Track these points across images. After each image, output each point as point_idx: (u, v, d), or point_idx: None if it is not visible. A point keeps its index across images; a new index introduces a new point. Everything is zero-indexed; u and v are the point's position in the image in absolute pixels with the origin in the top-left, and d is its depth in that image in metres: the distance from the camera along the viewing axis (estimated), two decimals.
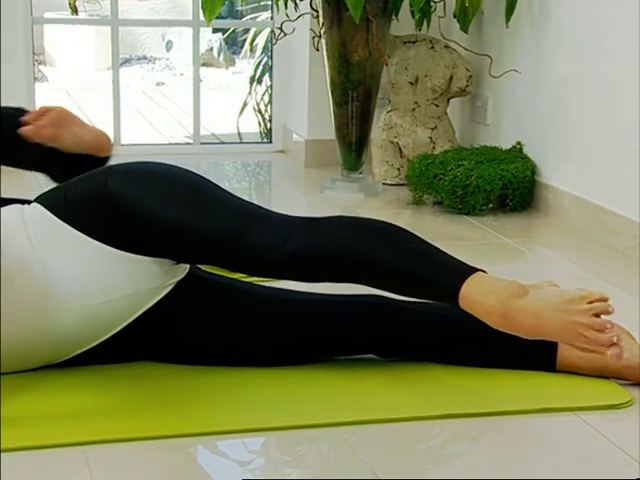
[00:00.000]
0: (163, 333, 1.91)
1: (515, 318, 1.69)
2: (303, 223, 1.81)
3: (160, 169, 1.90)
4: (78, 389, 1.82)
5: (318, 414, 1.77)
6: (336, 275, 1.80)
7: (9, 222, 1.83)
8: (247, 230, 1.79)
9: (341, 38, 3.33)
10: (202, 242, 1.81)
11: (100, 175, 1.88)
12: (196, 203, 1.83)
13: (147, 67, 8.04)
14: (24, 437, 1.64)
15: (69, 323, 1.82)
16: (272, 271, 1.82)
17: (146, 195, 1.83)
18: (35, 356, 1.85)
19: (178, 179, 1.89)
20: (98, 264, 1.83)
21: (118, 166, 1.91)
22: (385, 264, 1.75)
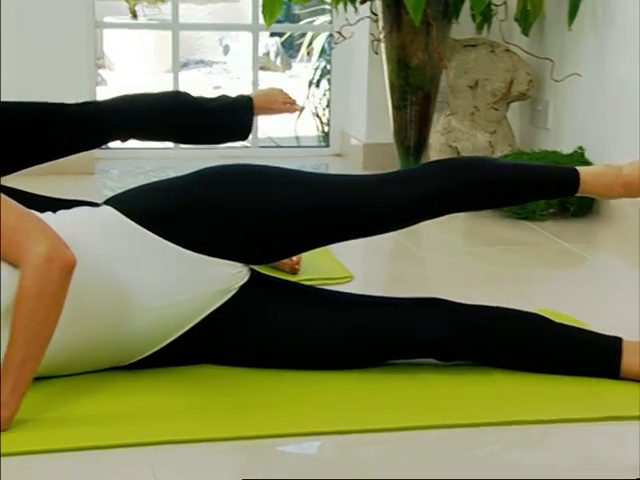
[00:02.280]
0: (227, 335, 1.92)
1: (634, 183, 1.96)
2: (417, 171, 2.06)
3: (244, 167, 1.97)
4: (144, 391, 1.84)
5: (378, 418, 1.76)
6: (463, 206, 2.07)
7: (81, 224, 1.86)
8: (374, 190, 1.96)
9: (401, 42, 3.32)
10: (325, 217, 1.93)
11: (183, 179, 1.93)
12: (302, 187, 1.94)
13: (204, 71, 8.11)
14: (91, 437, 1.66)
15: (141, 325, 1.85)
16: (404, 220, 2.00)
17: (247, 193, 1.89)
18: (105, 358, 1.88)
19: (269, 172, 1.96)
20: (171, 265, 1.86)
21: (202, 170, 1.96)
22: (508, 179, 1.99)
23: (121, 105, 2.72)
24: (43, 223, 1.74)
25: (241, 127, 2.73)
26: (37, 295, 1.65)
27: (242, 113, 2.73)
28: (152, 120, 2.71)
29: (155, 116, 2.71)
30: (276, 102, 2.78)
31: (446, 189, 1.97)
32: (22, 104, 2.74)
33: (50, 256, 1.66)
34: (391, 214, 1.97)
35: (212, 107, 2.72)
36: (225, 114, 2.72)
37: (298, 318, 1.94)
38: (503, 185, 2.01)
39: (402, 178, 2.03)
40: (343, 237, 2.01)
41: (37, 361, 1.67)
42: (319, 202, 1.94)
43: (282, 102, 2.77)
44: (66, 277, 1.68)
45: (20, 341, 1.64)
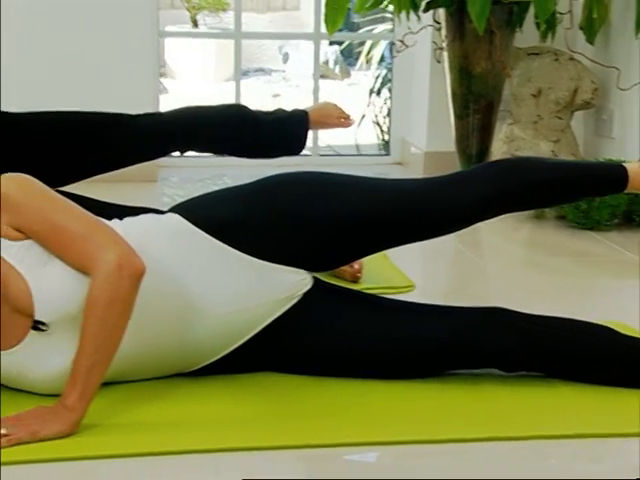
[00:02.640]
0: (290, 343, 1.93)
1: None
2: (475, 172, 2.07)
3: (310, 174, 2.01)
4: (208, 398, 1.85)
5: (441, 429, 1.75)
6: (521, 205, 2.12)
7: (148, 231, 1.88)
8: (437, 192, 1.99)
9: (463, 50, 3.31)
10: (391, 221, 1.95)
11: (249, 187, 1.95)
12: (367, 192, 1.97)
13: (264, 79, 8.15)
14: (154, 443, 1.67)
15: (205, 332, 1.86)
16: (466, 221, 2.02)
17: (314, 199, 1.91)
18: (170, 364, 1.90)
19: (335, 178, 2.00)
20: (236, 272, 1.87)
21: (268, 178, 1.98)
22: (561, 177, 2.03)
23: (182, 118, 2.77)
24: (113, 231, 1.76)
25: (296, 141, 2.78)
26: (107, 302, 1.67)
27: (297, 127, 2.78)
28: (211, 134, 2.77)
29: (215, 130, 2.76)
30: (331, 117, 2.82)
31: (505, 189, 1.98)
32: (85, 114, 2.79)
33: (120, 264, 1.68)
34: (455, 215, 1.99)
35: (269, 121, 2.77)
36: (281, 128, 2.77)
37: (361, 326, 1.94)
38: (557, 184, 2.03)
39: (463, 179, 2.04)
40: (406, 240, 2.02)
41: (105, 367, 1.69)
42: (385, 206, 1.95)
43: (337, 117, 2.82)
44: (136, 285, 1.70)
45: (89, 347, 1.66)
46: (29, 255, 1.75)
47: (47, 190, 1.80)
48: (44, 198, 1.77)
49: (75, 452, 1.62)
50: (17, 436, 1.62)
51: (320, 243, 1.93)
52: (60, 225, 1.73)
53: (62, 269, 1.74)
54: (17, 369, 1.77)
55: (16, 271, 1.74)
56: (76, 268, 1.73)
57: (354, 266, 2.59)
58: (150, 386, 1.88)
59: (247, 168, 3.46)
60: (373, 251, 2.05)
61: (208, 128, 2.78)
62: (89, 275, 1.70)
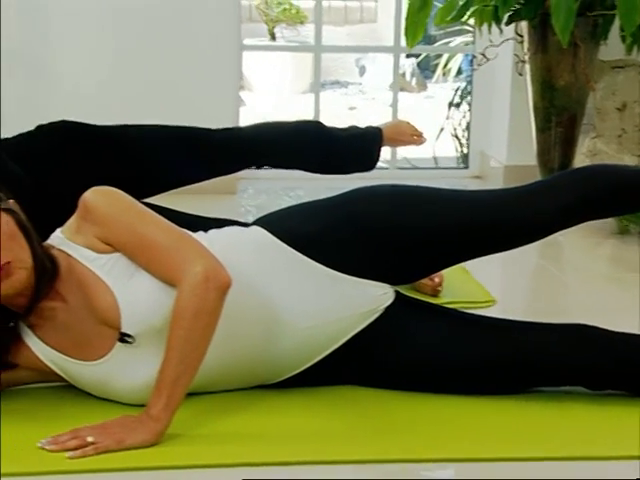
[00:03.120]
0: (372, 356, 1.92)
1: None
2: (555, 181, 2.04)
3: (393, 187, 2.01)
4: (289, 410, 1.86)
5: (521, 447, 1.73)
6: (603, 212, 2.10)
7: (233, 244, 1.90)
8: (519, 202, 1.97)
9: (546, 63, 3.28)
10: (476, 233, 1.94)
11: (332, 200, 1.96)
12: (451, 204, 1.96)
13: (340, 92, 8.16)
14: (237, 454, 1.68)
15: (288, 344, 1.87)
16: (548, 230, 2.00)
17: (398, 212, 1.92)
18: (253, 376, 1.91)
19: (418, 191, 1.99)
20: (319, 286, 1.88)
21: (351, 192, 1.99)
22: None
23: (260, 135, 2.81)
24: (199, 244, 1.77)
25: (369, 158, 2.81)
26: (194, 314, 1.68)
27: (371, 144, 2.81)
28: (287, 151, 2.80)
29: (291, 147, 2.80)
30: (405, 134, 2.85)
31: (586, 195, 1.97)
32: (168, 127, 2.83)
33: (207, 276, 1.70)
34: (536, 224, 1.97)
35: (343, 138, 2.80)
36: (355, 145, 2.79)
37: (442, 341, 1.92)
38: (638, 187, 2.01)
39: (543, 188, 2.02)
40: (487, 250, 2.01)
41: (190, 378, 1.70)
42: (466, 217, 1.94)
43: (410, 134, 2.84)
44: (222, 297, 1.71)
45: (175, 359, 1.68)
46: (116, 268, 1.78)
47: (134, 203, 1.82)
48: (132, 211, 1.80)
49: (159, 461, 1.64)
50: (104, 444, 1.64)
51: (402, 255, 1.92)
52: (148, 238, 1.76)
53: (148, 282, 1.76)
54: (103, 379, 1.79)
55: (104, 284, 1.76)
56: (163, 280, 1.75)
57: (434, 279, 2.58)
58: (233, 397, 1.89)
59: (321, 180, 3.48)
60: (454, 262, 2.04)
61: (284, 145, 2.82)
62: (176, 287, 1.72)
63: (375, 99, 7.72)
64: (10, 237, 1.70)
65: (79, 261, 1.79)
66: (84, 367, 1.79)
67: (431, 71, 7.73)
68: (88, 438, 1.64)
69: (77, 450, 1.63)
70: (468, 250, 1.99)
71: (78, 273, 1.78)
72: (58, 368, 1.81)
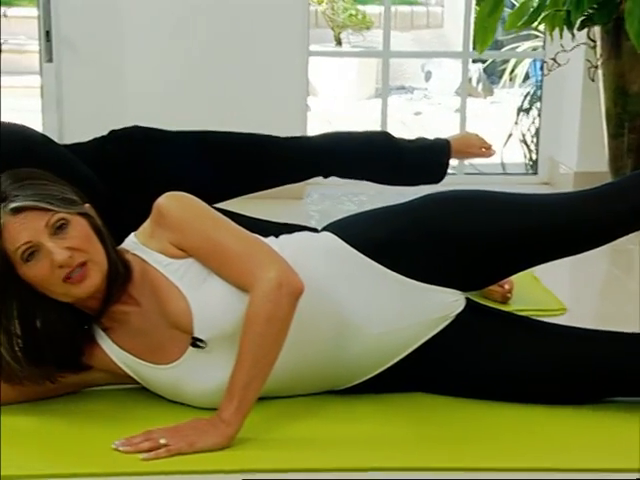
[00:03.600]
0: (442, 363, 1.91)
1: None
2: (625, 183, 2.01)
3: (464, 192, 2.00)
4: (358, 417, 1.85)
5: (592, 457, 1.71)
6: None
7: (304, 249, 1.90)
8: (590, 205, 1.93)
9: (619, 68, 3.23)
10: (548, 237, 1.92)
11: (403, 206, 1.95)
12: (522, 208, 1.95)
13: (405, 97, 8.14)
14: (305, 460, 1.69)
15: (359, 351, 1.86)
16: (617, 233, 1.97)
17: (470, 218, 1.91)
18: (322, 382, 1.91)
19: (488, 196, 1.98)
20: (389, 292, 1.87)
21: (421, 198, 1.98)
22: None
23: (328, 145, 2.82)
24: (272, 249, 1.78)
25: (437, 170, 2.80)
26: (266, 319, 1.69)
27: (439, 156, 2.80)
28: (355, 162, 2.81)
29: (358, 159, 2.80)
30: (473, 147, 2.84)
31: None
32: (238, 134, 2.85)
33: (280, 282, 1.70)
34: (605, 227, 1.95)
35: (411, 149, 2.79)
36: (423, 157, 2.79)
37: (513, 349, 1.90)
38: None
39: (612, 190, 1.99)
40: (557, 254, 1.99)
41: (262, 383, 1.71)
42: (539, 221, 1.93)
43: (478, 147, 2.83)
44: (294, 303, 1.72)
45: (247, 363, 1.69)
46: (189, 273, 1.79)
47: (207, 208, 1.84)
48: (205, 216, 1.81)
49: (230, 465, 1.65)
50: (176, 446, 1.66)
51: (472, 261, 1.91)
52: (221, 243, 1.77)
53: (220, 287, 1.77)
54: (175, 383, 1.81)
55: (177, 289, 1.78)
56: (236, 285, 1.76)
57: (504, 286, 2.56)
58: (303, 403, 1.89)
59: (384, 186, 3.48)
60: (525, 267, 2.03)
61: (353, 156, 2.83)
62: (249, 292, 1.73)
63: (441, 104, 7.68)
64: (85, 240, 1.73)
65: (152, 266, 1.81)
66: (157, 370, 1.81)
67: (497, 76, 7.67)
68: (161, 440, 1.66)
69: (150, 452, 1.65)
70: (538, 254, 1.97)
71: (151, 278, 1.80)
72: (131, 371, 1.83)
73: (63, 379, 1.80)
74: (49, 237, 1.69)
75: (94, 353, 1.82)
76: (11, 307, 1.70)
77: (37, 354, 1.73)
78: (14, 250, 1.68)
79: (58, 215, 1.71)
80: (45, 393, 1.84)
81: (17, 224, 1.68)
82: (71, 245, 1.70)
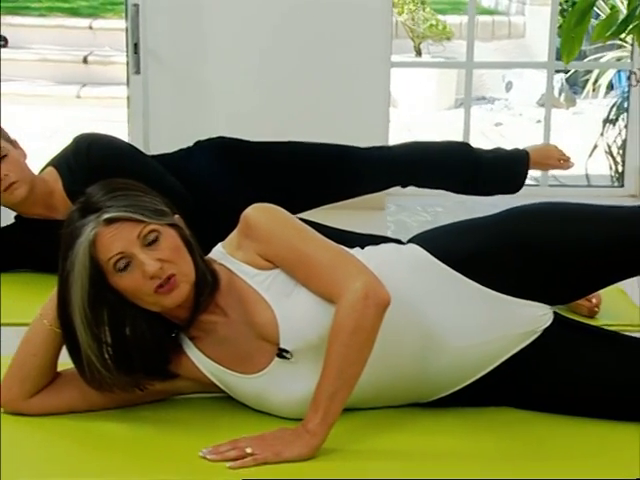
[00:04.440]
0: (530, 378, 1.89)
1: None
2: None
3: (551, 205, 1.98)
4: (442, 430, 1.84)
5: None
6: None
7: (389, 261, 1.90)
8: None
9: None
10: (633, 248, 1.88)
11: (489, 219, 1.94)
12: (611, 221, 1.92)
13: (485, 107, 8.08)
14: (390, 472, 1.68)
15: (443, 363, 1.85)
16: None
17: (559, 230, 1.89)
18: (406, 394, 1.90)
19: (576, 208, 1.96)
20: (475, 305, 1.86)
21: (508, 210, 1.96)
22: None
23: (409, 155, 2.82)
24: (358, 260, 1.78)
25: (515, 181, 2.78)
26: (352, 330, 1.69)
27: (518, 167, 2.78)
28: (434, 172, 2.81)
29: (438, 168, 2.80)
30: (552, 158, 2.82)
31: None
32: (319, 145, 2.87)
33: (367, 293, 1.70)
34: None
35: (490, 160, 2.78)
36: (501, 167, 2.77)
37: (603, 364, 1.87)
38: None
39: None
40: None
41: (347, 394, 1.71)
42: (629, 233, 1.89)
43: (557, 158, 2.81)
44: (380, 314, 1.72)
45: (333, 374, 1.69)
46: (275, 284, 1.80)
47: (294, 219, 1.85)
48: (291, 227, 1.82)
49: (315, 475, 1.65)
50: (262, 456, 1.67)
51: (561, 274, 1.88)
52: (307, 254, 1.78)
53: (306, 299, 1.78)
54: (261, 392, 1.82)
55: (263, 300, 1.79)
56: (322, 296, 1.76)
57: (592, 300, 2.51)
58: (387, 414, 1.88)
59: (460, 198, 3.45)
60: (614, 281, 1.99)
61: (432, 166, 2.83)
62: (335, 303, 1.73)
63: (522, 115, 7.60)
64: (175, 251, 1.75)
65: (239, 277, 1.82)
66: (242, 380, 1.82)
67: (580, 87, 7.56)
68: (247, 449, 1.67)
69: (237, 461, 1.66)
70: (628, 267, 1.93)
71: (238, 288, 1.81)
72: (217, 380, 1.85)
73: (151, 387, 1.82)
74: (141, 248, 1.72)
75: (181, 362, 1.84)
76: (102, 316, 1.73)
77: (126, 362, 1.75)
78: (106, 260, 1.71)
79: (150, 226, 1.73)
80: (133, 400, 1.86)
81: (110, 235, 1.70)
82: (162, 257, 1.72)
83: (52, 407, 1.83)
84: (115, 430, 1.80)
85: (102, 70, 6.79)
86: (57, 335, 1.80)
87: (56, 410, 1.84)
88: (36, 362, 1.81)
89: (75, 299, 1.71)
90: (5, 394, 1.83)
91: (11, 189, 2.59)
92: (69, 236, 1.72)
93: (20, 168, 2.63)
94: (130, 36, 3.52)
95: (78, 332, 1.72)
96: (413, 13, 7.59)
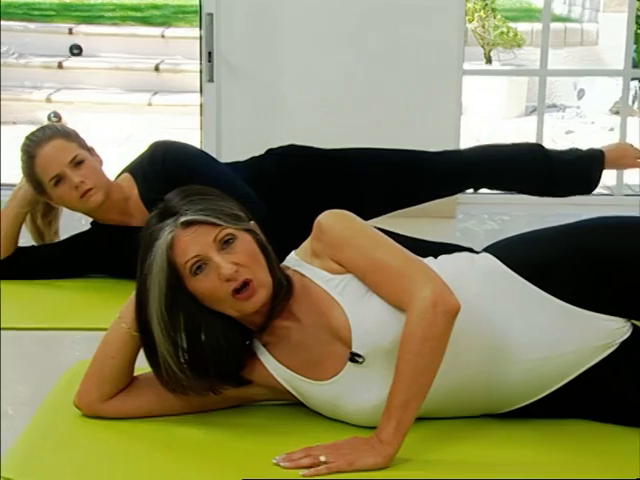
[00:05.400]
0: (606, 392, 1.86)
1: None
2: None
3: (629, 218, 1.96)
4: (514, 442, 1.82)
5: None
6: None
7: (460, 269, 1.89)
8: None
9: None
10: None
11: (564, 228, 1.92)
12: None
13: (556, 115, 7.99)
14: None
15: (516, 375, 1.83)
16: None
17: (635, 243, 1.85)
18: (477, 404, 1.88)
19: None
20: (549, 318, 1.83)
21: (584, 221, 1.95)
22: None
23: (482, 157, 2.80)
24: (428, 268, 1.78)
25: (588, 181, 2.73)
26: (422, 338, 1.69)
27: (592, 167, 2.73)
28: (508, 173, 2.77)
29: (511, 169, 2.77)
30: (628, 157, 2.77)
31: None
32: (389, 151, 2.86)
33: (435, 301, 1.70)
34: None
35: (564, 161, 2.74)
36: (575, 167, 2.73)
37: None
38: None
39: None
40: None
41: (419, 403, 1.70)
42: None
43: (634, 157, 2.75)
44: (450, 322, 1.71)
45: (404, 383, 1.68)
46: (348, 289, 1.81)
47: (365, 225, 1.85)
48: (363, 234, 1.82)
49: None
50: (336, 464, 1.67)
51: (636, 288, 1.84)
52: (377, 261, 1.78)
53: (379, 303, 1.78)
54: (334, 399, 1.82)
55: (337, 304, 1.80)
56: (392, 304, 1.76)
57: None
58: (458, 425, 1.87)
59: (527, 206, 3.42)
60: None
61: (505, 168, 2.79)
62: (405, 311, 1.73)
63: (594, 123, 7.50)
64: (250, 256, 1.76)
65: (313, 281, 1.83)
66: (315, 386, 1.82)
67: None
68: (321, 457, 1.67)
69: (310, 469, 1.66)
70: None
71: (312, 293, 1.82)
72: (290, 387, 1.85)
73: (225, 393, 1.83)
74: (217, 251, 1.73)
75: (254, 368, 1.85)
76: (178, 319, 1.75)
77: (201, 366, 1.77)
78: (183, 264, 1.73)
79: (226, 230, 1.75)
80: (208, 406, 1.88)
81: (187, 238, 1.72)
82: (237, 260, 1.74)
83: (129, 410, 1.86)
84: (189, 434, 1.82)
85: (173, 78, 6.87)
86: (135, 338, 1.82)
87: (133, 413, 1.86)
88: (114, 364, 1.84)
89: (152, 302, 1.73)
90: (83, 396, 1.86)
91: (87, 195, 2.64)
92: (147, 239, 1.75)
93: (97, 175, 2.67)
94: (204, 44, 3.56)
95: (155, 335, 1.75)
96: (484, 20, 7.54)
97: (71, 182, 2.62)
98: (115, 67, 6.94)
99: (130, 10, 8.33)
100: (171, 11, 8.34)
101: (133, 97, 6.68)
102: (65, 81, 6.79)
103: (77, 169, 2.63)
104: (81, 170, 2.64)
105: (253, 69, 3.72)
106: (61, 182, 2.63)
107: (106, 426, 1.84)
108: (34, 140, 2.67)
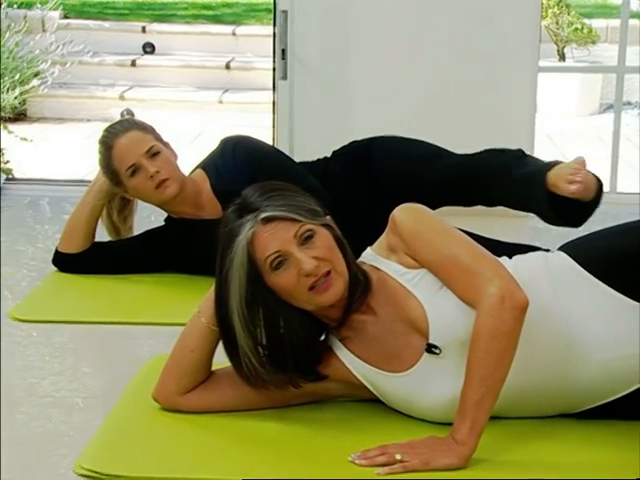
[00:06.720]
0: None
1: None
2: None
3: None
4: (591, 442, 1.80)
5: None
6: None
7: (533, 268, 1.87)
8: None
9: None
10: None
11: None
12: None
13: (631, 113, 7.85)
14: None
15: (588, 375, 1.81)
16: None
17: None
18: (551, 404, 1.86)
19: None
20: (622, 318, 1.81)
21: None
22: None
23: None
24: (497, 263, 1.78)
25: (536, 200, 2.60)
26: (491, 335, 1.68)
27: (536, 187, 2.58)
28: None
29: None
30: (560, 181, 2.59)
31: None
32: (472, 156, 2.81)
33: (503, 297, 1.69)
34: None
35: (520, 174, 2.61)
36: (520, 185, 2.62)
37: None
38: None
39: None
40: None
41: (493, 401, 1.69)
42: None
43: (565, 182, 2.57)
44: (519, 318, 1.70)
45: (476, 380, 1.68)
46: (423, 282, 1.82)
47: (439, 220, 1.86)
48: (436, 229, 1.83)
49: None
50: (411, 463, 1.67)
51: None
52: (450, 255, 1.78)
53: (454, 296, 1.78)
54: (410, 392, 1.82)
55: (413, 296, 1.81)
56: (463, 299, 1.76)
57: None
58: (533, 424, 1.86)
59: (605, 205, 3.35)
60: None
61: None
62: (475, 307, 1.73)
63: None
64: (330, 250, 1.78)
65: (389, 274, 1.84)
66: (392, 379, 1.83)
67: None
68: (396, 456, 1.67)
69: (385, 467, 1.66)
70: None
71: (388, 286, 1.83)
72: (366, 381, 1.86)
73: (302, 388, 1.84)
74: (297, 247, 1.75)
75: (331, 362, 1.86)
76: (257, 314, 1.76)
77: (280, 360, 1.78)
78: (263, 259, 1.74)
79: (306, 226, 1.76)
80: (285, 401, 1.89)
81: (267, 234, 1.74)
82: (317, 255, 1.75)
83: (207, 404, 1.88)
84: (266, 429, 1.83)
85: (244, 76, 6.91)
86: (213, 332, 1.84)
87: (210, 407, 1.88)
88: (193, 358, 1.86)
89: (233, 297, 1.75)
90: (162, 389, 1.88)
91: (163, 186, 2.67)
92: (227, 235, 1.76)
93: (172, 167, 2.71)
94: (278, 42, 3.57)
95: (236, 329, 1.76)
96: (557, 17, 7.43)
97: (147, 172, 2.65)
98: (187, 65, 7.00)
99: (202, 8, 8.40)
100: (242, 9, 8.39)
101: (204, 95, 6.73)
102: (138, 79, 6.87)
103: (153, 160, 2.67)
104: (157, 161, 2.67)
105: (326, 67, 3.72)
106: (137, 172, 2.67)
107: (184, 420, 1.86)
108: (112, 132, 2.71)
